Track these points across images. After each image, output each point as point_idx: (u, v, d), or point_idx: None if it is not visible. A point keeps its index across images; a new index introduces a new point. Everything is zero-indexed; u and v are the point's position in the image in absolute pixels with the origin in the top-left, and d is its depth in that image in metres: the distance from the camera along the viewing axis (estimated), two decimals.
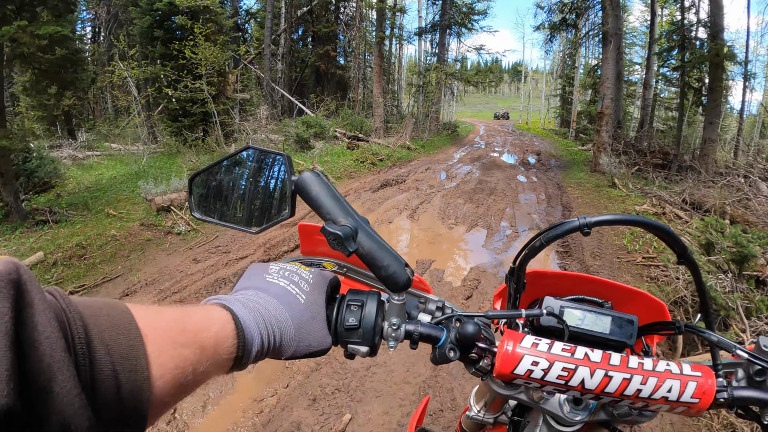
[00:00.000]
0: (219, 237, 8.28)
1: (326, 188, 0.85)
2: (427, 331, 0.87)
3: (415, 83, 31.12)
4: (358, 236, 0.82)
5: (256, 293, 0.78)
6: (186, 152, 13.71)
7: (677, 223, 9.41)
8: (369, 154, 16.85)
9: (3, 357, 0.36)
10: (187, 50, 14.16)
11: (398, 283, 0.82)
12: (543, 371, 0.79)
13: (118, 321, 0.52)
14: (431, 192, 12.71)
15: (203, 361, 0.61)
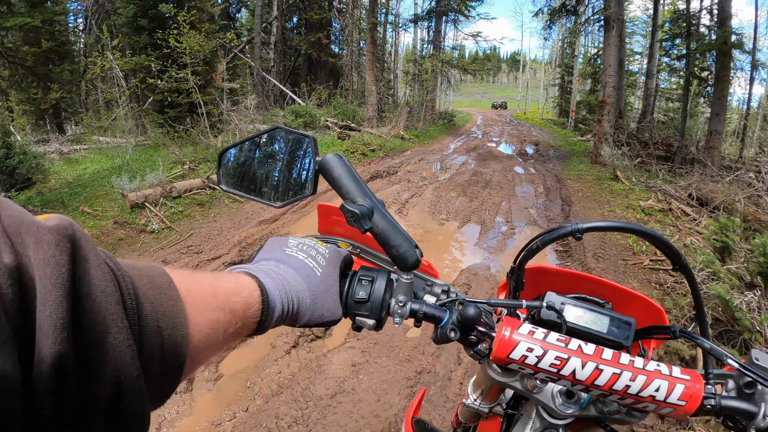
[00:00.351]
0: (193, 236, 7.69)
1: (347, 170, 0.89)
2: (431, 311, 0.90)
3: (410, 71, 30.44)
4: (374, 216, 0.86)
5: (277, 264, 0.82)
6: (169, 144, 13.10)
7: (684, 220, 8.76)
8: (360, 144, 16.17)
9: (59, 306, 0.37)
10: (171, 39, 13.55)
11: (407, 262, 0.86)
12: (537, 358, 0.82)
13: (159, 282, 0.55)
14: (423, 184, 12.02)
15: (233, 323, 0.65)
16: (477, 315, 0.87)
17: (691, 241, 7.60)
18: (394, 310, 0.89)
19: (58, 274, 0.38)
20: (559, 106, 42.69)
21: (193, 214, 8.73)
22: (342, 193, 0.87)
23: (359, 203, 0.85)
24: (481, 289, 6.21)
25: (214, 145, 13.55)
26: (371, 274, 0.89)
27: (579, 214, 9.44)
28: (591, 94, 30.68)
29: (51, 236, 0.40)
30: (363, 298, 0.86)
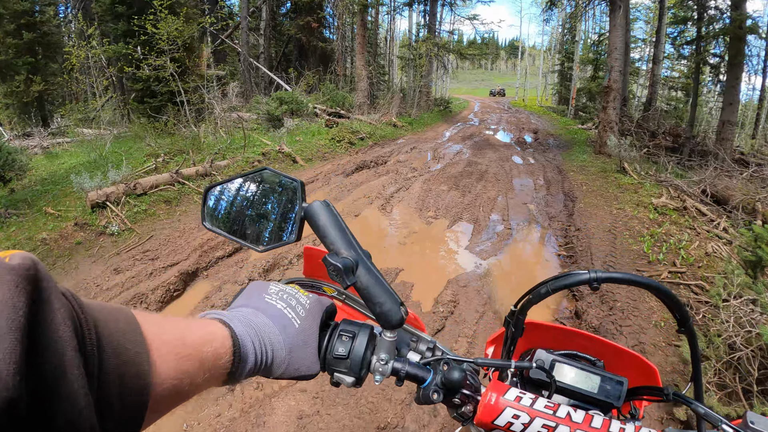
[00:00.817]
0: (153, 238, 6.92)
1: (334, 219, 0.86)
2: (414, 370, 0.87)
3: (405, 56, 29.45)
4: (358, 270, 0.83)
5: (254, 312, 0.79)
6: (147, 135, 12.23)
7: (702, 221, 7.78)
8: (347, 133, 15.19)
9: (12, 350, 0.36)
10: (148, 25, 12.87)
11: (391, 321, 0.83)
12: (523, 425, 0.81)
13: (125, 327, 0.53)
14: (412, 176, 11.01)
15: (201, 373, 0.62)
16: (462, 379, 0.84)
17: (713, 248, 6.60)
18: (375, 368, 0.85)
19: (14, 317, 0.37)
20: (559, 94, 41.87)
21: (157, 213, 7.93)
22: (326, 242, 0.85)
23: (343, 255, 0.83)
24: (470, 306, 5.26)
25: (195, 134, 12.74)
26: (352, 329, 0.86)
27: (585, 212, 8.44)
28: (592, 80, 29.94)
29: (11, 276, 0.38)
30: (342, 355, 0.83)
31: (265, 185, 0.98)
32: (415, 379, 0.88)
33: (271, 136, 14.18)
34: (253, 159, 11.05)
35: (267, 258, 6.12)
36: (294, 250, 6.48)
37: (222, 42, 23.75)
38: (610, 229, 7.48)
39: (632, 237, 7.10)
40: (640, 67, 32.93)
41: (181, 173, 9.08)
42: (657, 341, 4.68)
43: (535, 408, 0.82)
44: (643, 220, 7.76)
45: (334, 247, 0.85)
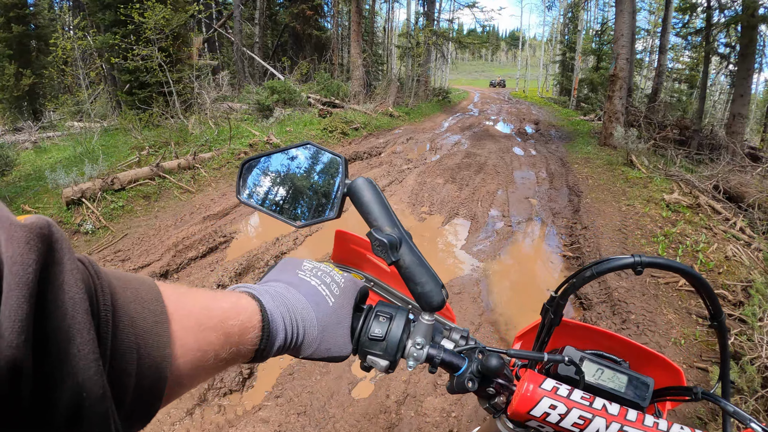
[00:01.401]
0: (127, 236, 6.47)
1: (377, 196, 0.85)
2: (450, 357, 0.83)
3: (403, 45, 28.86)
4: (402, 248, 0.81)
5: (286, 287, 0.76)
6: (133, 128, 11.62)
7: (716, 220, 7.18)
8: (339, 123, 14.57)
9: (18, 308, 0.34)
10: (134, 13, 12.33)
11: (432, 302, 0.81)
12: (559, 416, 0.80)
13: (145, 296, 0.51)
14: (407, 168, 10.40)
15: (226, 347, 0.60)
16: (500, 365, 0.80)
17: (733, 251, 6.00)
18: (409, 352, 0.81)
19: (23, 274, 0.35)
20: (560, 84, 41.18)
21: (135, 210, 7.42)
22: (370, 219, 0.83)
23: (387, 232, 0.80)
24: (464, 318, 4.67)
25: (183, 126, 12.25)
26: (390, 311, 0.82)
27: (592, 208, 7.83)
28: (594, 71, 29.39)
29: (22, 233, 0.37)
30: (379, 336, 0.79)
31: (305, 160, 0.95)
32: (449, 366, 0.83)
33: (260, 127, 13.61)
34: (239, 151, 10.44)
35: (240, 260, 5.58)
36: (272, 251, 5.90)
37: (215, 31, 23.07)
38: (620, 227, 6.88)
39: (644, 237, 6.50)
40: (642, 58, 32.40)
41: (162, 167, 8.56)
42: (677, 361, 4.08)
43: (572, 399, 0.81)
44: (655, 218, 7.15)
45: (377, 223, 0.82)
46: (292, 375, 3.75)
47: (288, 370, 3.80)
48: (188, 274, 5.45)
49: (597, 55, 30.78)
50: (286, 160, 0.95)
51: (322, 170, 0.93)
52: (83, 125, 13.78)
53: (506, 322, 4.73)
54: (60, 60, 14.56)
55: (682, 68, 27.95)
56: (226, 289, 0.71)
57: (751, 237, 6.79)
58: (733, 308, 4.93)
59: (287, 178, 0.95)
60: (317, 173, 0.93)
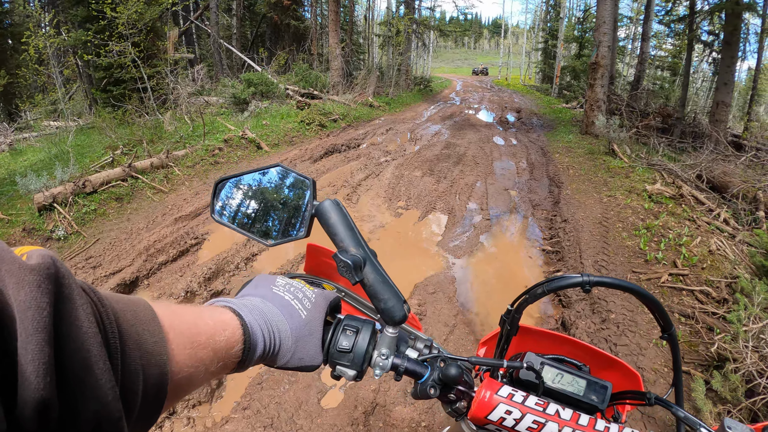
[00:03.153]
0: (99, 242, 6.14)
1: (343, 218, 0.88)
2: (413, 366, 0.89)
3: (383, 34, 28.49)
4: (365, 267, 0.85)
5: (262, 301, 0.80)
6: (107, 126, 11.14)
7: (700, 211, 6.99)
8: (317, 115, 14.20)
9: (41, 351, 0.36)
10: (106, 8, 11.98)
11: (394, 317, 0.85)
12: (515, 420, 0.85)
13: (143, 318, 0.54)
14: (384, 161, 10.11)
15: (215, 362, 0.64)
16: (459, 375, 0.86)
17: (717, 244, 5.81)
18: (376, 362, 0.86)
19: (39, 318, 0.37)
20: (542, 72, 41.08)
21: (107, 213, 7.09)
22: (336, 240, 0.87)
23: (352, 253, 0.85)
24: (439, 320, 4.44)
25: (158, 122, 11.87)
26: (356, 325, 0.87)
27: (572, 199, 7.62)
28: (577, 59, 29.24)
29: (32, 277, 0.38)
30: (346, 349, 0.84)
31: (276, 181, 0.98)
32: (413, 374, 0.88)
33: (236, 121, 13.22)
34: (213, 147, 10.08)
35: (210, 265, 5.30)
36: (242, 253, 5.64)
37: (191, 23, 22.57)
38: (601, 220, 6.67)
39: (626, 230, 6.29)
40: (625, 46, 32.32)
41: (135, 167, 8.23)
42: (657, 365, 3.89)
43: (526, 405, 0.85)
44: (637, 210, 6.95)
45: (343, 244, 0.86)
46: (261, 385, 3.56)
47: (257, 380, 3.61)
48: (158, 280, 5.17)
49: (579, 43, 30.62)
50: (258, 180, 0.98)
51: (291, 191, 0.96)
52: (59, 125, 13.47)
53: (482, 322, 4.50)
54: (33, 59, 14.14)
55: (665, 56, 27.89)
56: (206, 304, 0.76)
57: (735, 229, 6.62)
58: (717, 305, 4.74)
59: (259, 197, 0.97)
60: (287, 193, 0.97)
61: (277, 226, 0.95)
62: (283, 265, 5.45)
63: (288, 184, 0.97)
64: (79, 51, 13.79)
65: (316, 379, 3.60)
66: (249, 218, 0.97)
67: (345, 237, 0.86)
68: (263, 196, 0.98)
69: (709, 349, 4.07)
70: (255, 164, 9.47)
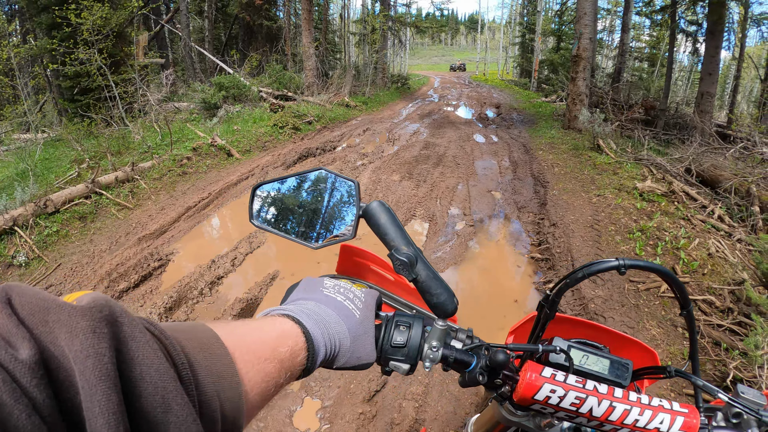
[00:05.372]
0: (61, 266, 5.64)
1: (392, 218, 0.91)
2: (461, 356, 0.91)
3: (359, 32, 28.09)
4: (417, 265, 0.88)
5: (317, 305, 0.80)
6: (72, 139, 10.39)
7: (693, 209, 6.64)
8: (290, 117, 13.63)
9: (108, 401, 0.34)
10: (71, 15, 11.38)
11: (446, 310, 0.89)
12: (559, 398, 0.87)
13: (207, 342, 0.53)
14: (361, 165, 9.63)
15: (282, 373, 0.64)
16: (507, 360, 0.89)
17: (716, 246, 5.43)
18: (426, 355, 0.88)
19: (100, 366, 0.35)
20: (520, 66, 41.18)
21: (70, 234, 6.50)
22: (387, 240, 0.89)
23: (404, 251, 0.87)
24: None
25: (126, 132, 11.29)
26: (408, 320, 0.89)
27: (559, 200, 7.20)
28: (555, 52, 28.97)
29: (85, 323, 0.36)
30: (401, 344, 0.86)
31: (317, 184, 0.99)
32: (461, 363, 0.90)
33: (205, 128, 12.61)
34: (181, 157, 9.48)
35: (170, 293, 4.80)
36: (206, 276, 5.15)
37: (162, 27, 21.95)
38: (592, 223, 6.26)
39: (619, 233, 5.89)
40: (602, 38, 32.23)
41: (99, 182, 7.62)
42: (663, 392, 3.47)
43: (568, 383, 0.87)
44: (629, 211, 6.56)
45: (395, 243, 0.88)
46: None
47: None
48: None
49: (557, 36, 30.44)
50: (298, 184, 1.00)
51: (335, 193, 0.97)
52: (30, 137, 12.76)
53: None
54: None
55: (643, 47, 27.82)
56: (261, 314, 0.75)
57: (731, 226, 6.27)
58: (721, 316, 4.35)
59: (300, 201, 0.99)
60: (330, 197, 0.98)
61: (320, 229, 0.96)
62: (250, 288, 4.97)
63: (330, 187, 0.98)
64: (45, 60, 13.24)
65: None
66: (290, 222, 0.98)
67: (396, 237, 0.88)
68: (304, 200, 0.99)
69: (717, 368, 3.69)
70: (225, 173, 8.95)
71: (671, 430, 0.84)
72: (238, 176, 8.59)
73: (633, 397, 0.87)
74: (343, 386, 3.55)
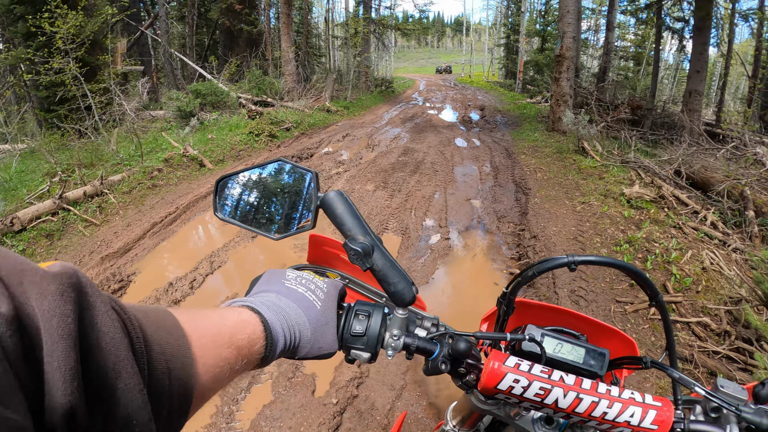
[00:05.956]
0: None
1: (349, 207, 0.89)
2: (423, 344, 0.91)
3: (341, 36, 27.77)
4: (374, 254, 0.87)
5: (277, 297, 0.80)
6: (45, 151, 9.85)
7: (684, 215, 6.22)
8: (267, 124, 13.12)
9: (66, 357, 0.37)
10: (44, 23, 10.98)
11: (404, 299, 0.88)
12: (523, 388, 0.85)
13: (165, 323, 0.54)
14: (336, 173, 9.15)
15: (239, 360, 0.65)
16: (468, 348, 0.88)
17: (710, 258, 4.99)
18: (388, 343, 0.88)
19: (64, 325, 0.38)
20: (505, 68, 41.00)
21: (36, 253, 6.10)
22: (344, 230, 0.88)
23: (360, 241, 0.86)
24: (382, 383, 3.52)
25: (99, 144, 10.84)
26: (368, 309, 0.88)
27: (542, 209, 6.74)
28: (540, 53, 28.94)
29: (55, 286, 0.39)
30: (360, 333, 0.85)
31: (278, 176, 0.99)
32: (424, 352, 0.90)
33: (179, 137, 12.11)
34: (152, 168, 9.00)
35: None
36: (163, 300, 4.65)
37: (142, 34, 21.45)
38: (576, 234, 5.80)
39: (605, 245, 5.43)
40: (587, 38, 32.11)
41: (67, 197, 7.19)
42: None
43: (532, 373, 0.85)
44: (616, 220, 6.11)
45: (351, 233, 0.87)
46: None
47: None
48: None
49: (541, 36, 30.34)
50: (259, 176, 0.98)
51: (294, 184, 0.96)
52: (8, 148, 12.29)
53: (438, 380, 3.58)
54: None
55: (628, 46, 27.68)
56: (223, 305, 0.75)
57: (725, 233, 5.84)
58: (717, 340, 3.90)
59: (261, 193, 0.98)
60: (290, 187, 0.96)
61: (281, 220, 0.95)
62: None
63: (290, 178, 0.97)
64: (21, 70, 12.86)
65: None
66: (253, 214, 0.97)
67: (353, 226, 0.87)
68: (266, 191, 0.98)
69: None
70: (196, 185, 8.45)
71: (642, 424, 0.82)
72: (207, 188, 8.10)
73: (602, 389, 0.85)
74: None
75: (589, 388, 0.84)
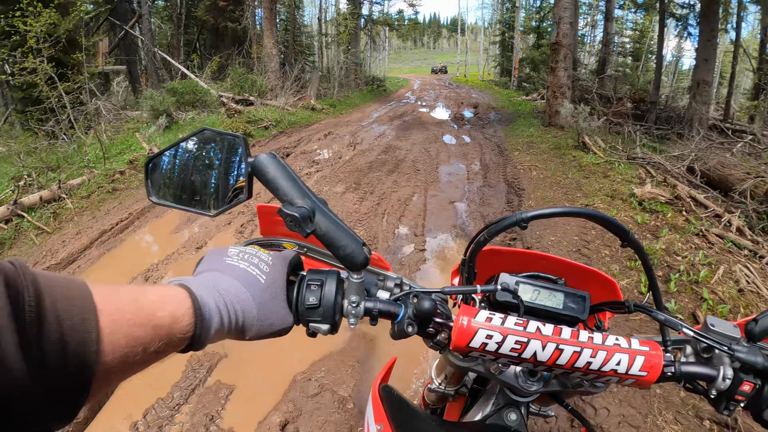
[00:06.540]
0: None
1: (283, 170, 0.81)
2: (386, 307, 0.86)
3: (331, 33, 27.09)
4: (316, 217, 0.79)
5: (216, 274, 0.75)
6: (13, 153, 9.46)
7: (705, 219, 5.27)
8: (242, 123, 12.46)
9: None
10: (17, 22, 10.48)
11: (356, 262, 0.80)
12: (497, 344, 0.81)
13: (73, 294, 0.52)
14: (307, 174, 8.17)
15: (156, 340, 0.60)
16: (432, 308, 0.84)
17: (745, 274, 3.98)
18: (347, 311, 0.83)
19: None
20: (501, 66, 40.13)
21: None
22: (279, 195, 0.79)
23: (299, 205, 0.78)
24: None
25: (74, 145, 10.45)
26: (320, 277, 0.82)
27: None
28: (535, 49, 28.23)
29: None
30: (314, 304, 0.79)
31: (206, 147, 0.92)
32: (388, 315, 0.86)
33: (148, 137, 11.34)
34: (114, 171, 8.28)
35: None
36: None
37: (125, 32, 20.68)
38: (579, 245, 4.78)
39: (616, 261, 4.41)
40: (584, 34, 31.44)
41: (22, 203, 6.78)
42: None
43: (506, 326, 0.81)
44: (626, 222, 5.11)
45: (287, 198, 0.79)
46: None
47: None
48: None
49: (537, 32, 29.77)
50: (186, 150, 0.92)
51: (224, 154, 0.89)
52: None
53: None
54: None
55: (626, 41, 27.00)
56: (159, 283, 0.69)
57: (755, 241, 4.84)
58: None
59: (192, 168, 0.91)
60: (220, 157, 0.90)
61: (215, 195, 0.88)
62: None
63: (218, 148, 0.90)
64: None
65: None
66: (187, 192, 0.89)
67: (288, 190, 0.78)
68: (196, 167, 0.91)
69: None
70: None
71: (630, 371, 0.77)
72: None
73: (584, 337, 0.79)
74: None
75: (569, 337, 0.79)
